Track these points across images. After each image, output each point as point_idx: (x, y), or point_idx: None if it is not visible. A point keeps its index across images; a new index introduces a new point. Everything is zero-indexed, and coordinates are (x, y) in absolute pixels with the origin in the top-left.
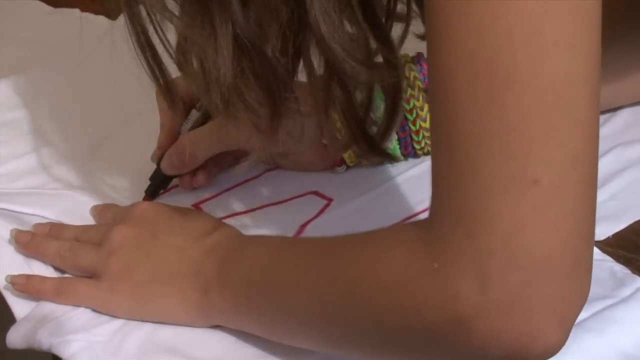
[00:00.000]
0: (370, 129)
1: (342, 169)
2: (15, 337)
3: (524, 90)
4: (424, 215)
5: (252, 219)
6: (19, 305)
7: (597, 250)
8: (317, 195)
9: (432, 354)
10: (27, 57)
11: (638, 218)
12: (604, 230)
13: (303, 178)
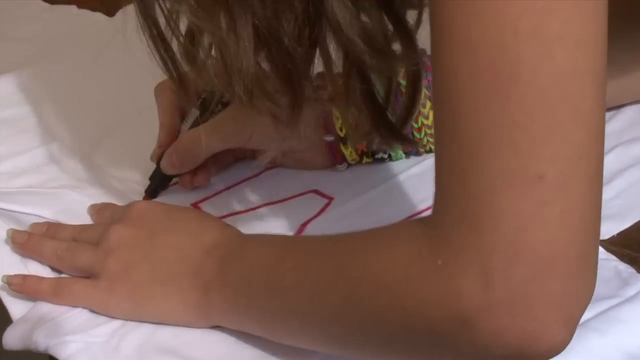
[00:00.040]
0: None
1: (343, 167)
2: (12, 338)
3: (529, 86)
4: (427, 214)
5: (251, 218)
6: (16, 306)
7: (601, 250)
8: (317, 194)
9: (434, 353)
10: (24, 55)
11: None
12: (609, 229)
13: (303, 176)
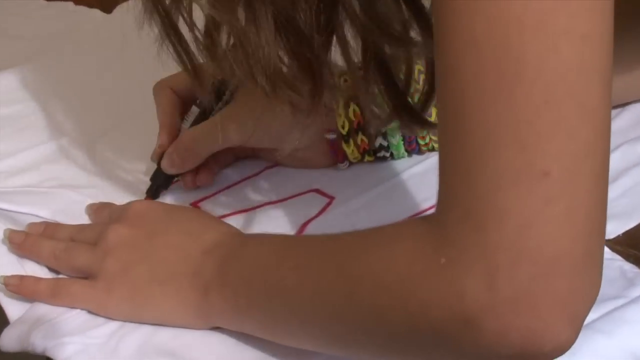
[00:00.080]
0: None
1: (344, 166)
2: (9, 339)
3: (534, 81)
4: (430, 213)
5: (251, 218)
6: (13, 307)
7: (606, 249)
8: (318, 193)
9: (438, 354)
10: (21, 52)
11: None
12: (614, 229)
13: (304, 175)
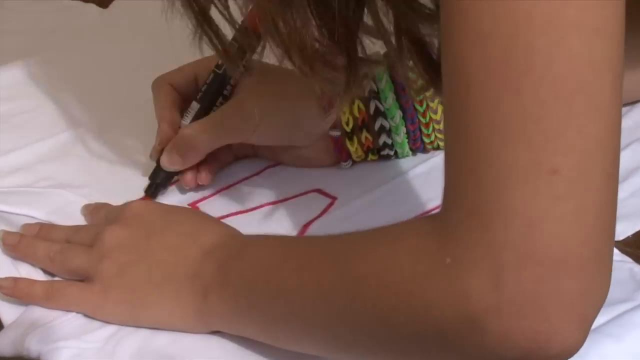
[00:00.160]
0: None
1: (347, 165)
2: (3, 344)
3: (543, 75)
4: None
5: (251, 219)
6: (7, 310)
7: (616, 251)
8: (320, 194)
9: (443, 355)
10: (14, 48)
11: None
12: (624, 230)
13: (306, 175)
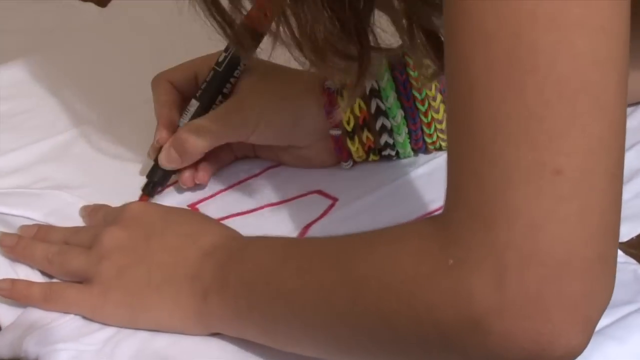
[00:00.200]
0: None
1: (348, 165)
2: (1, 346)
3: (547, 75)
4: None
5: (251, 220)
6: (5, 312)
7: (620, 253)
8: (321, 195)
9: (445, 357)
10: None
11: None
12: (628, 231)
13: (306, 176)
